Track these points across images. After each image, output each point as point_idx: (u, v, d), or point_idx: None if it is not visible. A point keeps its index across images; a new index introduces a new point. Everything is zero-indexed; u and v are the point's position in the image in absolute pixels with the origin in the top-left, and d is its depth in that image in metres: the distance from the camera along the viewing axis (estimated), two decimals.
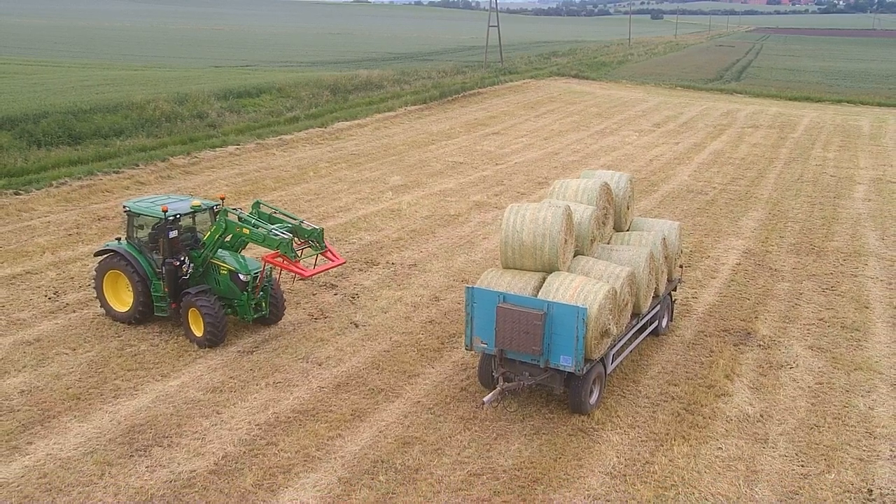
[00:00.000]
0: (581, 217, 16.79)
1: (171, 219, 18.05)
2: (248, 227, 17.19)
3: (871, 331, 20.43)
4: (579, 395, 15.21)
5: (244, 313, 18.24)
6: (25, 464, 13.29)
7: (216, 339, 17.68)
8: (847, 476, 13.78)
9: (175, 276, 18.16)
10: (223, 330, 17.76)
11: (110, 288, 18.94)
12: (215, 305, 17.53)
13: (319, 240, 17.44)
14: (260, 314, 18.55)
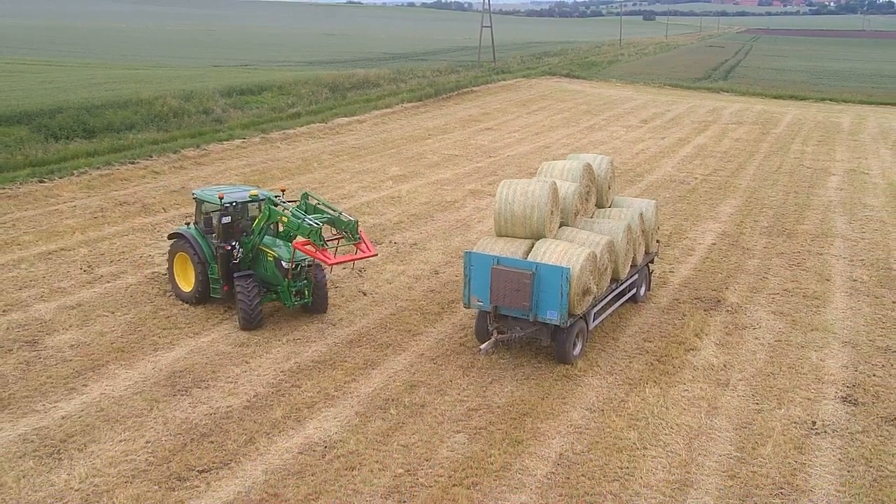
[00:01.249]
0: (566, 192, 18.94)
1: (226, 206, 19.04)
2: (287, 216, 18.14)
3: (829, 299, 22.59)
4: (564, 346, 17.35)
5: (286, 299, 18.83)
6: (84, 401, 15.35)
7: (249, 323, 18.46)
8: (795, 412, 15.93)
9: (227, 260, 18.98)
10: (256, 315, 18.44)
11: (179, 269, 20.11)
12: (251, 291, 18.28)
13: (353, 231, 18.07)
14: (302, 301, 19.09)
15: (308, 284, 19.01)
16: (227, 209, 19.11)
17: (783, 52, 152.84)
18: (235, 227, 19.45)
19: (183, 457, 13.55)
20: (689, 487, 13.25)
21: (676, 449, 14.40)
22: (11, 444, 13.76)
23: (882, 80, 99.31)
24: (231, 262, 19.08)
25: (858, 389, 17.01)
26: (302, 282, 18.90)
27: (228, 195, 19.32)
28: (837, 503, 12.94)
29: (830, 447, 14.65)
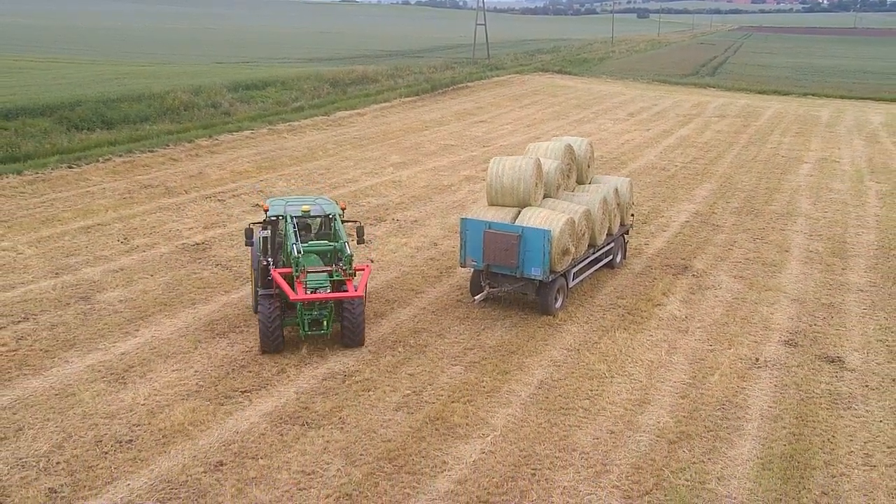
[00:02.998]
0: (549, 168, 21.72)
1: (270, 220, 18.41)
2: (287, 237, 17.63)
3: (785, 266, 25.40)
4: (547, 299, 20.13)
5: (301, 327, 17.37)
6: (138, 341, 18.09)
7: (265, 345, 17.23)
8: (742, 351, 18.73)
9: (265, 276, 17.79)
10: (274, 339, 17.14)
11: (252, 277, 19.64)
12: (271, 313, 16.96)
13: (347, 265, 17.11)
14: (319, 332, 17.47)
15: (328, 315, 17.24)
16: (266, 222, 18.49)
17: (772, 50, 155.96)
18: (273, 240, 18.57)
19: (227, 381, 16.30)
20: (647, 404, 16.03)
21: (639, 377, 17.18)
22: (82, 373, 16.48)
23: (865, 75, 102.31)
24: (267, 278, 17.77)
25: (799, 335, 19.82)
26: (319, 311, 17.26)
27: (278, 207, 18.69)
28: (768, 416, 15.71)
29: (769, 377, 17.44)
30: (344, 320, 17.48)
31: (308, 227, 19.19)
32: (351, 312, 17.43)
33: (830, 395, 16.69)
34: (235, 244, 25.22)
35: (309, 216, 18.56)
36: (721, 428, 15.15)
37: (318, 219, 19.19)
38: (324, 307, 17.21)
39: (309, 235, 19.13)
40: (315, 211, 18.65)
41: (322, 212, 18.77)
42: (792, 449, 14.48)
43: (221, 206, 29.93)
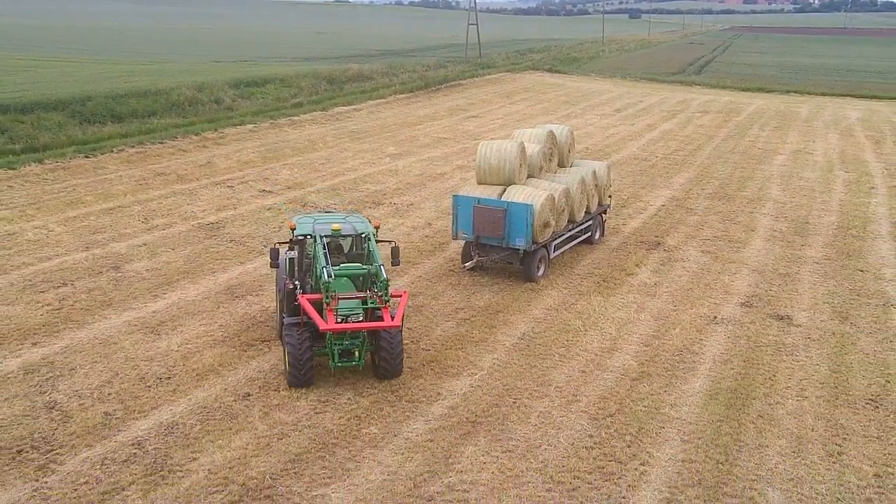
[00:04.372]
0: (532, 151, 24.11)
1: (297, 239, 17.04)
2: (319, 259, 16.05)
3: (750, 243, 27.81)
4: (530, 267, 22.51)
5: (330, 357, 15.89)
6: (166, 302, 20.40)
7: (297, 379, 15.69)
8: (702, 310, 21.12)
9: (292, 300, 16.42)
10: (305, 372, 15.67)
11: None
12: (301, 340, 15.47)
13: (384, 291, 15.50)
14: (350, 363, 15.94)
15: (360, 345, 15.82)
16: (294, 243, 17.14)
17: (760, 49, 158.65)
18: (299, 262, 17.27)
19: (248, 333, 18.63)
20: (615, 351, 18.41)
21: (609, 331, 19.57)
22: (121, 327, 18.80)
23: (848, 73, 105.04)
24: (293, 303, 16.37)
25: (755, 298, 22.23)
26: (351, 341, 15.80)
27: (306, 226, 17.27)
28: (719, 360, 18.10)
29: (723, 330, 19.84)
30: (380, 350, 15.95)
31: (339, 248, 17.46)
32: (388, 342, 15.86)
33: (776, 345, 19.10)
34: (246, 223, 27.55)
35: (340, 235, 16.88)
36: (677, 369, 17.54)
37: (349, 238, 17.52)
38: (355, 337, 15.71)
39: (340, 257, 17.49)
40: (346, 230, 17.05)
41: (354, 231, 17.20)
42: (737, 384, 16.88)
43: (231, 191, 32.22)
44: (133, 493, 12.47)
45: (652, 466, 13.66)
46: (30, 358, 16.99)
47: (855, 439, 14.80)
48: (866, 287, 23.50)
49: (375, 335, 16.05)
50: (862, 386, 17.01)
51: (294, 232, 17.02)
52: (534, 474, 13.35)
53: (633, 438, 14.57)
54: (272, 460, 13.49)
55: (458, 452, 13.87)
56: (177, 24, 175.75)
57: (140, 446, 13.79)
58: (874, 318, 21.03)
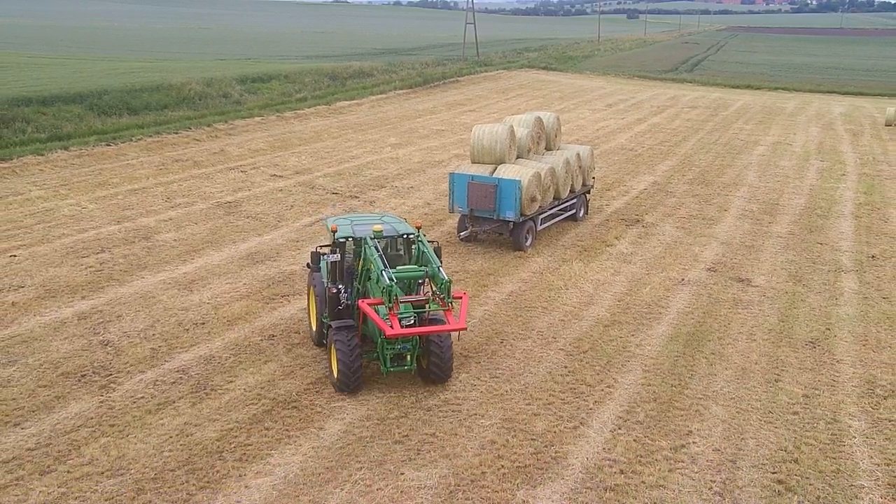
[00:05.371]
0: (521, 134, 26.69)
1: (340, 241, 16.43)
2: (373, 262, 15.25)
3: (722, 221, 30.36)
4: (518, 237, 25.09)
5: (382, 362, 15.55)
6: (195, 266, 22.96)
7: (347, 385, 15.32)
8: (671, 274, 23.69)
9: (335, 305, 16.21)
10: (356, 377, 15.29)
11: (312, 303, 17.90)
12: (351, 346, 15.14)
13: (446, 293, 14.79)
14: (402, 368, 15.65)
15: (413, 349, 15.54)
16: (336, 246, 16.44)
17: (754, 49, 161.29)
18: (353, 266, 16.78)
19: (270, 289, 21.20)
20: (591, 305, 20.98)
21: (587, 290, 22.14)
22: (157, 284, 21.38)
23: (836, 71, 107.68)
24: (337, 308, 16.22)
25: (720, 265, 24.80)
26: (403, 345, 15.46)
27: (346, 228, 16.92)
28: (682, 311, 20.67)
29: (688, 290, 22.41)
30: (431, 355, 15.69)
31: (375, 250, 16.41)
32: (439, 347, 15.62)
33: (734, 300, 21.68)
34: (261, 203, 30.13)
35: (381, 236, 16.17)
36: (644, 318, 20.12)
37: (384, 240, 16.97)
38: (407, 340, 15.36)
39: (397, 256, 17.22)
40: (387, 231, 16.57)
41: (395, 232, 16.76)
42: (695, 329, 19.47)
43: (244, 175, 34.78)
44: (183, 404, 15.03)
45: (616, 388, 16.22)
46: (81, 308, 19.56)
47: (791, 371, 17.37)
48: (822, 257, 26.06)
49: (426, 339, 15.64)
50: (804, 332, 19.59)
51: (336, 235, 16.29)
52: (516, 394, 15.91)
53: (601, 368, 17.15)
54: (296, 382, 16.06)
55: (453, 377, 16.40)
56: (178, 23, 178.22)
57: (184, 372, 16.36)
58: (825, 281, 23.60)
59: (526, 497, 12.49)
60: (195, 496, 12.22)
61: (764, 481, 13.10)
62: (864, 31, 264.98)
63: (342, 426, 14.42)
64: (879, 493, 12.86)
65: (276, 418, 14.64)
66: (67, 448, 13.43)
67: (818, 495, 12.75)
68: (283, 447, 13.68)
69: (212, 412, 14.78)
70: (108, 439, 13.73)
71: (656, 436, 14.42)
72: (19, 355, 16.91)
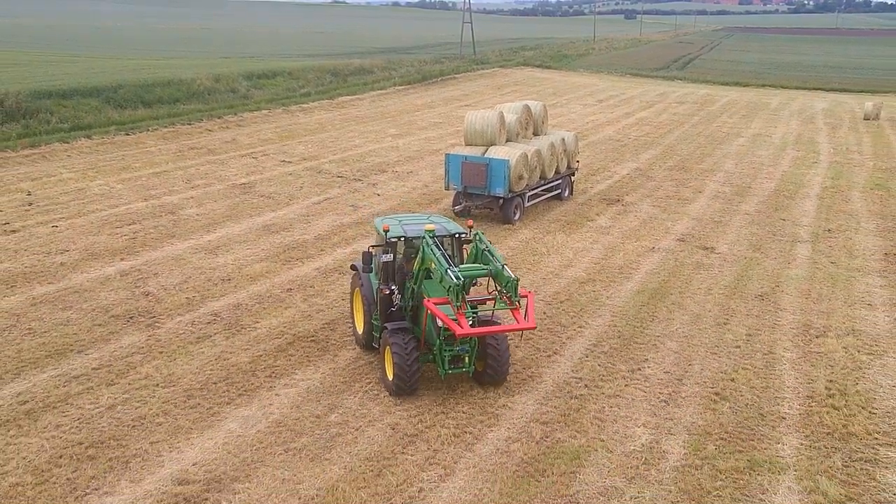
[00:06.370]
0: (510, 119, 29.46)
1: (392, 241, 16.05)
2: (434, 260, 14.75)
3: (695, 201, 33.10)
4: (508, 212, 27.85)
5: (438, 365, 15.38)
6: (218, 235, 25.70)
7: (404, 388, 15.04)
8: (643, 243, 26.44)
9: (387, 306, 16.04)
10: (414, 379, 15.00)
11: (357, 306, 17.65)
12: (408, 348, 14.93)
13: (513, 292, 14.38)
14: (459, 370, 15.36)
15: (471, 350, 15.34)
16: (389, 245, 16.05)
17: (748, 48, 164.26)
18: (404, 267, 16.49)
19: (286, 253, 23.95)
20: (570, 267, 23.72)
21: (567, 255, 24.90)
22: (186, 249, 24.15)
23: (825, 69, 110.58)
24: (389, 310, 16.11)
25: (688, 236, 27.56)
26: (461, 346, 15.23)
27: (397, 228, 16.49)
28: (650, 272, 23.41)
29: (658, 256, 25.15)
30: (489, 357, 15.45)
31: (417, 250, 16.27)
32: (496, 349, 15.42)
33: (698, 264, 24.43)
34: (273, 184, 32.87)
35: (433, 235, 15.51)
36: (616, 277, 22.88)
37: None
38: (466, 342, 15.18)
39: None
40: (438, 231, 16.18)
41: (447, 231, 16.50)
42: (660, 286, 22.23)
43: (255, 161, 37.53)
44: (218, 338, 17.78)
45: (586, 328, 18.97)
46: (121, 267, 22.32)
47: (739, 317, 20.13)
48: (783, 230, 28.82)
49: (482, 340, 15.43)
50: (756, 288, 22.35)
51: (388, 234, 15.96)
52: None
53: (575, 314, 19.90)
54: (313, 323, 18.82)
55: None
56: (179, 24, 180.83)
57: (217, 315, 19.12)
58: (781, 249, 26.36)
59: (505, 402, 15.23)
60: (235, 400, 14.97)
61: (703, 393, 15.86)
62: (859, 32, 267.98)
63: (354, 354, 17.16)
64: (798, 402, 15.60)
65: (298, 348, 17.39)
66: (125, 368, 16.17)
67: (746, 403, 15.50)
68: (305, 368, 16.43)
69: (243, 344, 17.52)
70: (159, 362, 16.47)
71: (617, 362, 17.18)
72: (73, 302, 19.64)
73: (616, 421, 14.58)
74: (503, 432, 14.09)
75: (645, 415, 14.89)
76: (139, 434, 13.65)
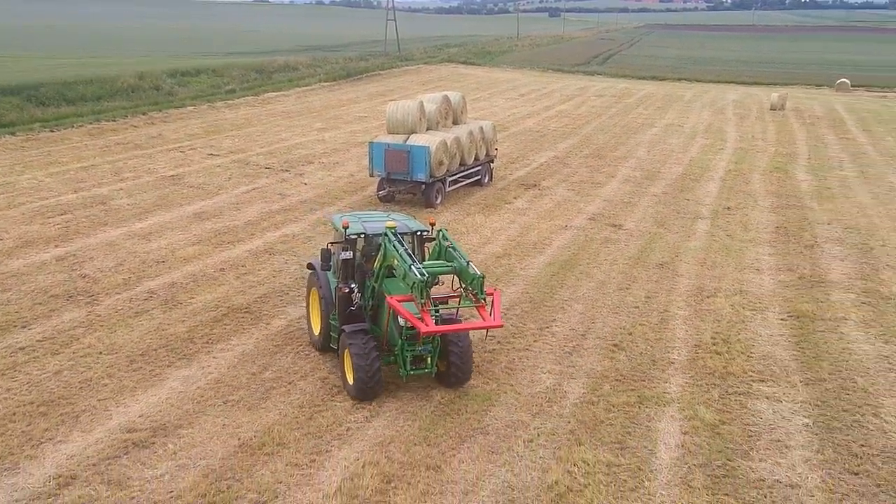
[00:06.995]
0: (430, 109, 31.02)
1: (351, 238, 15.62)
2: (397, 258, 14.34)
3: (607, 185, 35.17)
4: (429, 196, 29.40)
5: (400, 366, 14.94)
6: (150, 222, 26.54)
7: (365, 392, 14.56)
8: (557, 223, 28.28)
9: (347, 306, 15.63)
10: (375, 382, 14.53)
11: (314, 306, 17.20)
12: (368, 350, 14.47)
13: (479, 289, 14.11)
14: (422, 371, 14.99)
15: (433, 351, 14.96)
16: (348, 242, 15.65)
17: (667, 44, 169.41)
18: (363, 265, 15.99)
19: (217, 238, 25.01)
20: (488, 244, 25.38)
21: (486, 234, 26.56)
22: (119, 235, 25.07)
23: (738, 64, 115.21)
24: (348, 309, 15.66)
25: (599, 215, 29.53)
26: (424, 346, 14.83)
27: (356, 224, 16.07)
28: (561, 247, 25.23)
29: (570, 233, 27.01)
30: (451, 356, 15.02)
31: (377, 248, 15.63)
32: (459, 347, 15.04)
33: (605, 239, 26.37)
34: (201, 176, 33.72)
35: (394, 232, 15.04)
36: (530, 252, 24.63)
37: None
38: (429, 342, 14.77)
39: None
40: (400, 228, 15.74)
41: (408, 229, 16.20)
42: (569, 258, 24.06)
43: (183, 155, 38.27)
44: (156, 312, 18.87)
45: (501, 295, 20.59)
46: (56, 253, 23.10)
47: (640, 282, 22.07)
48: (686, 209, 31.03)
49: (444, 339, 14.99)
50: (657, 258, 24.37)
51: (347, 231, 15.60)
52: None
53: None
54: (247, 297, 20.04)
55: None
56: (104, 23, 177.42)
57: (153, 292, 20.18)
58: (683, 225, 28.52)
59: None
60: (175, 363, 16.14)
61: (603, 345, 17.66)
62: (773, 28, 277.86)
63: (286, 322, 18.48)
64: (686, 350, 17.52)
65: (233, 318, 18.62)
66: (69, 339, 17.16)
67: (641, 352, 17.36)
68: (240, 335, 17.68)
69: (180, 316, 18.66)
70: (101, 333, 17.50)
71: (528, 322, 18.88)
72: (12, 285, 20.44)
73: (524, 370, 16.22)
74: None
75: (550, 363, 16.59)
76: (87, 394, 14.73)
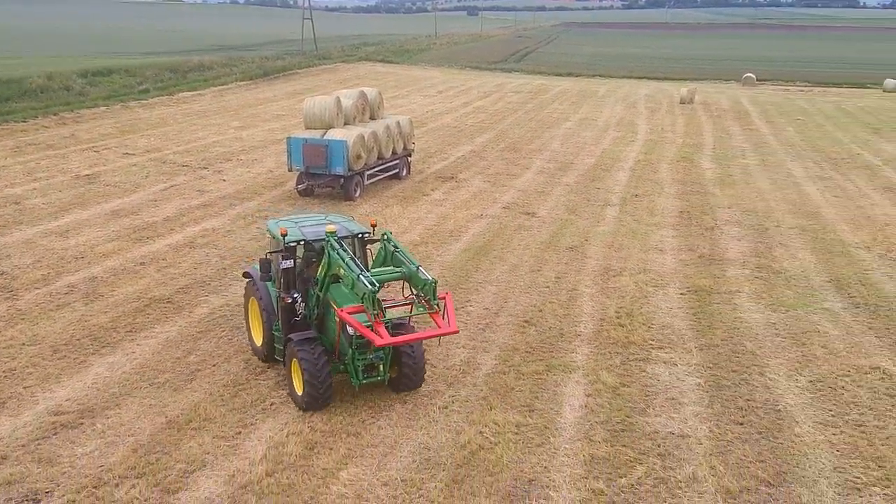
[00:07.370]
0: (346, 104, 31.64)
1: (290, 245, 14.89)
2: (343, 266, 13.77)
3: (522, 176, 36.33)
4: (348, 189, 30.02)
5: (352, 374, 14.50)
6: (67, 220, 26.44)
7: (316, 401, 14.20)
8: (473, 212, 29.22)
9: (290, 316, 15.15)
10: (326, 391, 14.19)
11: (254, 316, 16.56)
12: (318, 359, 14.06)
13: (431, 294, 13.72)
14: (373, 379, 14.57)
15: (385, 358, 14.57)
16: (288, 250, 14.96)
17: (582, 42, 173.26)
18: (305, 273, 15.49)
19: (136, 234, 25.14)
20: (407, 233, 26.13)
21: (404, 224, 27.33)
22: (35, 233, 24.98)
23: (651, 60, 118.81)
24: (292, 319, 15.23)
25: (513, 204, 30.62)
26: (375, 354, 14.44)
27: (294, 231, 15.37)
28: (477, 234, 26.19)
29: (485, 221, 27.99)
30: (404, 364, 14.76)
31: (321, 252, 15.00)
32: (411, 356, 14.79)
33: (519, 226, 27.45)
34: (118, 174, 33.53)
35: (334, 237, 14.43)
36: (446, 240, 25.52)
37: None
38: (380, 349, 14.25)
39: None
40: (339, 232, 15.16)
41: (349, 232, 15.54)
42: (483, 244, 25.04)
43: (98, 154, 37.93)
44: (78, 305, 19.05)
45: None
46: None
47: (551, 264, 23.18)
48: (597, 197, 32.40)
49: (396, 347, 14.44)
50: (567, 242, 25.55)
51: (286, 239, 14.83)
52: None
53: None
54: (169, 289, 20.36)
55: None
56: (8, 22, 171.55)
57: (74, 286, 20.31)
58: (593, 212, 29.83)
59: None
60: (100, 351, 16.45)
61: (515, 322, 18.65)
62: (686, 26, 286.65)
63: (209, 310, 18.92)
64: (592, 324, 18.64)
65: (155, 308, 18.95)
66: None
67: (550, 326, 18.40)
68: (163, 324, 18.06)
69: (102, 308, 18.90)
70: (23, 326, 17.64)
71: None
72: None
73: (440, 346, 17.05)
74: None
75: (465, 339, 17.48)
76: (11, 382, 14.95)
